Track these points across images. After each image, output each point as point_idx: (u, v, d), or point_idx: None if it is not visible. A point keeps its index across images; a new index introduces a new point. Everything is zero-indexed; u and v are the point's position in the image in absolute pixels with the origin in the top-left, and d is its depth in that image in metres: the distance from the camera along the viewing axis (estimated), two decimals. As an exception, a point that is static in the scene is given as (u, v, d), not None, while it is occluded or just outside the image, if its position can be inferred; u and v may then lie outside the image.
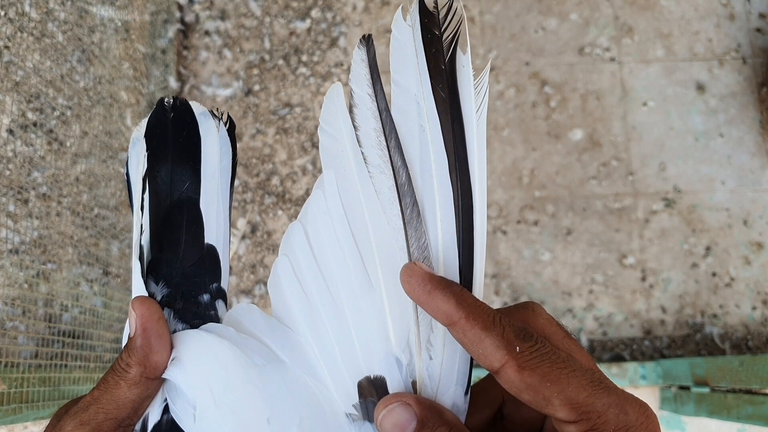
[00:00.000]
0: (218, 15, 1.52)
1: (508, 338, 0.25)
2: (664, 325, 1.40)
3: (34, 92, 0.95)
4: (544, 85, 1.49)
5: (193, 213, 0.31)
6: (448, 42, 0.28)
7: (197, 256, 0.31)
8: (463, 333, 0.25)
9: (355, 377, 0.28)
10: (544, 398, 0.25)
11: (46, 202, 0.97)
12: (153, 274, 0.31)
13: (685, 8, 1.54)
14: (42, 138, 1.02)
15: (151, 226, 0.31)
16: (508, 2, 1.54)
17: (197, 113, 0.33)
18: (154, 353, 0.28)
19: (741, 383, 1.07)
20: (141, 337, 0.28)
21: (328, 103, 0.30)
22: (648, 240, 1.43)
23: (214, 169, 0.32)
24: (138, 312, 0.29)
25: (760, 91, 1.49)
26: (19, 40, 0.92)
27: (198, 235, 0.31)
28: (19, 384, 0.80)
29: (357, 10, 1.52)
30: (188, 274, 0.31)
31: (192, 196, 0.32)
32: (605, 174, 1.46)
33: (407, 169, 0.28)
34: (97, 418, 0.28)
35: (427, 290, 0.26)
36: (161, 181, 0.31)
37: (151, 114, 0.33)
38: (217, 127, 0.33)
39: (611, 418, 0.24)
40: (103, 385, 0.29)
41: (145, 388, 0.28)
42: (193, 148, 0.32)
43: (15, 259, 0.90)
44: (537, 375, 0.24)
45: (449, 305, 0.26)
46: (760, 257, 1.42)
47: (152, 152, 0.32)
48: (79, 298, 0.99)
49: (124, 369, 0.28)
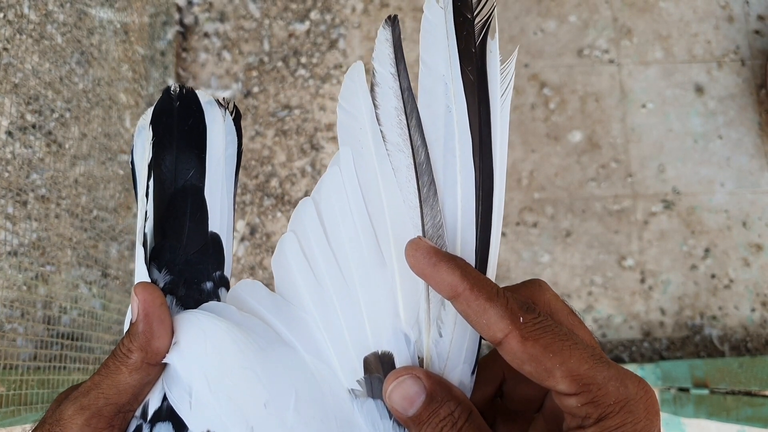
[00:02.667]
0: (217, 17, 1.52)
1: (512, 309, 0.25)
2: (664, 326, 1.40)
3: (33, 94, 0.94)
4: (543, 86, 1.50)
5: (197, 201, 0.31)
6: (479, 26, 0.29)
7: (201, 243, 0.31)
8: (467, 304, 0.26)
9: (361, 353, 0.28)
10: (545, 370, 0.25)
11: (45, 204, 0.97)
12: (156, 261, 0.31)
13: (683, 10, 1.54)
14: (41, 140, 1.02)
15: (155, 213, 0.31)
16: (508, 4, 1.54)
17: (203, 102, 0.33)
18: (156, 339, 0.28)
19: (740, 385, 1.07)
20: (143, 322, 0.28)
21: (349, 81, 0.30)
22: (647, 242, 1.43)
23: (219, 158, 0.32)
24: (140, 297, 0.29)
25: (759, 93, 1.49)
26: (18, 42, 0.92)
27: (202, 222, 0.31)
28: (17, 386, 0.80)
29: (356, 12, 1.52)
30: (191, 261, 0.31)
31: (197, 184, 0.32)
32: (604, 176, 1.46)
33: (426, 148, 0.29)
34: (97, 403, 0.28)
35: (432, 263, 0.26)
36: (166, 169, 0.31)
37: (158, 102, 0.33)
38: (222, 116, 0.33)
39: (611, 391, 0.24)
40: (104, 370, 0.28)
41: (146, 374, 0.28)
42: (199, 136, 0.32)
43: (14, 261, 0.89)
44: (539, 346, 0.25)
45: (454, 277, 0.26)
46: (759, 259, 1.42)
47: (158, 140, 0.32)
48: (77, 300, 0.99)
49: (126, 354, 0.28)
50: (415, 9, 1.52)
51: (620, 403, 0.24)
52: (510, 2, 1.54)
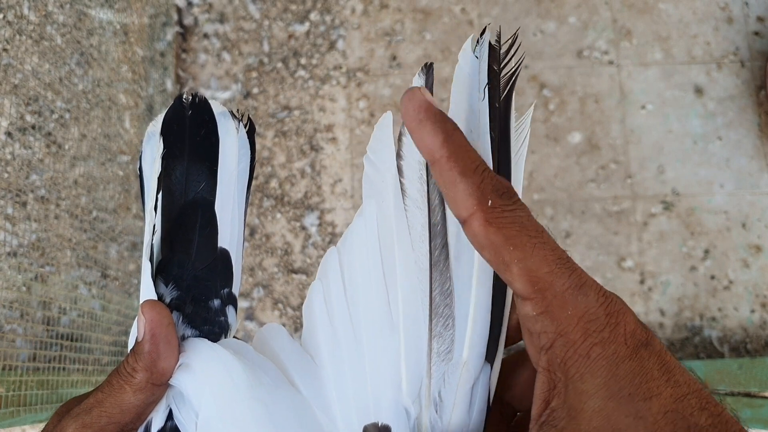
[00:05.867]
0: (217, 18, 1.52)
1: (483, 189, 0.23)
2: (663, 328, 1.40)
3: (33, 95, 0.95)
4: (542, 88, 1.50)
5: (207, 215, 0.30)
6: (505, 80, 0.28)
7: (209, 259, 0.30)
8: (440, 173, 0.24)
9: (363, 420, 0.28)
10: (503, 262, 0.23)
11: (45, 204, 0.97)
12: (163, 276, 0.30)
13: (683, 12, 1.54)
14: (40, 141, 1.02)
15: (164, 226, 0.30)
16: (507, 5, 1.54)
17: (216, 113, 0.32)
18: (162, 359, 0.28)
19: (740, 386, 1.07)
20: (149, 342, 0.28)
21: (378, 131, 0.29)
22: (647, 243, 1.43)
23: (232, 172, 0.31)
24: (147, 317, 0.28)
25: (759, 94, 1.49)
26: (18, 42, 0.92)
27: (211, 237, 0.30)
28: (17, 387, 0.80)
29: (356, 13, 1.53)
30: (199, 277, 0.30)
31: (207, 198, 0.31)
32: (604, 177, 1.46)
33: (443, 209, 0.28)
34: (99, 421, 0.27)
35: (418, 119, 0.24)
36: (176, 180, 0.31)
37: (169, 109, 0.32)
38: (236, 129, 0.32)
39: (568, 300, 0.23)
40: (107, 387, 0.28)
41: (150, 394, 0.28)
42: (211, 148, 0.31)
43: (13, 262, 0.89)
44: (501, 235, 0.23)
45: (435, 140, 0.24)
46: (758, 260, 1.42)
47: (168, 150, 0.31)
48: (77, 301, 0.99)
49: (130, 374, 0.28)
50: (415, 10, 1.52)
51: (576, 315, 0.22)
52: (509, 3, 1.54)
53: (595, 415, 0.22)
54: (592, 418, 0.22)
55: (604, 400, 0.22)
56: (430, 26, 1.51)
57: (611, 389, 0.22)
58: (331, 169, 1.45)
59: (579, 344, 0.22)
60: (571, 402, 0.22)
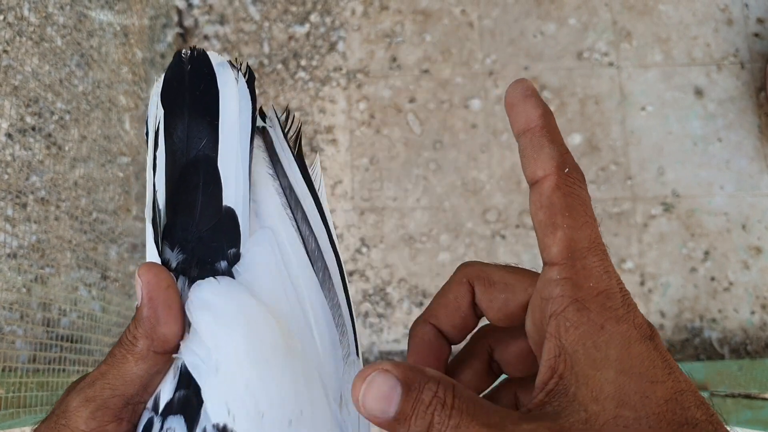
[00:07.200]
0: (217, 19, 1.52)
1: (565, 159, 0.26)
2: (663, 329, 1.40)
3: (33, 96, 0.95)
4: (542, 89, 1.50)
5: (210, 172, 0.29)
6: (292, 141, 0.34)
7: (214, 219, 0.29)
8: (531, 138, 0.26)
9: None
10: (553, 224, 0.25)
11: (45, 206, 0.97)
12: (168, 240, 0.29)
13: (683, 13, 1.54)
14: (40, 142, 1.02)
15: (167, 188, 0.29)
16: (507, 7, 1.54)
17: (215, 64, 0.31)
18: (162, 325, 0.26)
19: (740, 388, 1.07)
20: (147, 306, 0.26)
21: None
22: (647, 244, 1.43)
23: (233, 125, 0.30)
24: (144, 279, 0.26)
25: (759, 96, 1.49)
26: (18, 44, 0.92)
27: (216, 196, 0.29)
28: (16, 388, 0.80)
29: (356, 14, 1.53)
30: (205, 238, 0.29)
31: (209, 155, 0.29)
32: (604, 178, 1.46)
33: (315, 237, 0.31)
34: (103, 394, 0.26)
35: (525, 95, 0.27)
36: (177, 139, 0.30)
37: (168, 67, 0.31)
38: (236, 78, 0.31)
39: (594, 274, 0.24)
40: (110, 359, 0.27)
41: (153, 363, 0.27)
42: (211, 101, 0.30)
43: (13, 263, 0.89)
44: (564, 201, 0.25)
45: (536, 112, 0.27)
46: (758, 262, 1.42)
47: (168, 108, 0.30)
48: (77, 303, 0.99)
49: (131, 342, 0.26)
50: (415, 12, 1.52)
51: (597, 289, 0.24)
52: (509, 5, 1.54)
53: (607, 384, 0.23)
54: (604, 386, 0.23)
55: (617, 372, 0.23)
56: (430, 28, 1.51)
57: (624, 364, 0.23)
58: (331, 171, 1.45)
59: (595, 314, 0.24)
60: (582, 368, 0.23)
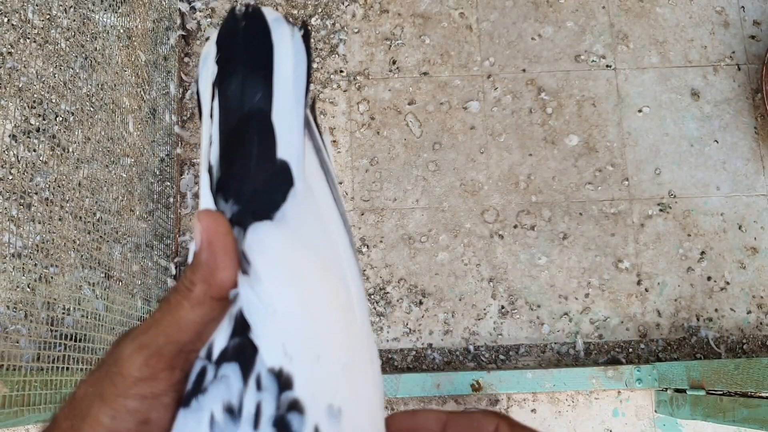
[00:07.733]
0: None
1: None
2: (660, 328, 1.41)
3: (37, 98, 0.96)
4: (540, 91, 1.51)
5: (264, 126, 0.29)
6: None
7: (269, 172, 0.29)
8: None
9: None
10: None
11: (49, 206, 0.98)
12: (222, 192, 0.29)
13: (679, 16, 1.56)
14: (45, 143, 1.03)
15: (221, 141, 0.29)
16: (505, 10, 1.56)
17: (270, 20, 0.31)
18: (221, 269, 0.26)
19: (736, 386, 1.08)
20: (206, 251, 0.26)
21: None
22: (643, 244, 1.45)
23: (287, 79, 0.30)
24: (203, 224, 0.26)
25: (755, 98, 1.50)
26: (23, 46, 0.93)
27: (270, 149, 0.29)
28: (20, 387, 0.81)
29: (356, 17, 1.54)
30: (259, 191, 0.28)
31: (263, 108, 0.29)
32: (601, 179, 1.47)
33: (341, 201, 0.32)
34: (157, 341, 0.25)
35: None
36: (231, 94, 0.30)
37: (222, 24, 0.31)
38: (291, 34, 0.31)
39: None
40: (165, 305, 0.26)
41: (209, 309, 0.26)
42: (266, 56, 0.30)
43: (17, 263, 0.90)
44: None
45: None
46: (754, 261, 1.43)
47: (223, 63, 0.30)
48: (81, 302, 1.00)
49: (188, 287, 0.26)
50: (414, 15, 1.53)
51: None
52: (508, 8, 1.56)
53: None
54: None
55: None
56: (429, 31, 1.53)
57: None
58: (332, 172, 1.46)
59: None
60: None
